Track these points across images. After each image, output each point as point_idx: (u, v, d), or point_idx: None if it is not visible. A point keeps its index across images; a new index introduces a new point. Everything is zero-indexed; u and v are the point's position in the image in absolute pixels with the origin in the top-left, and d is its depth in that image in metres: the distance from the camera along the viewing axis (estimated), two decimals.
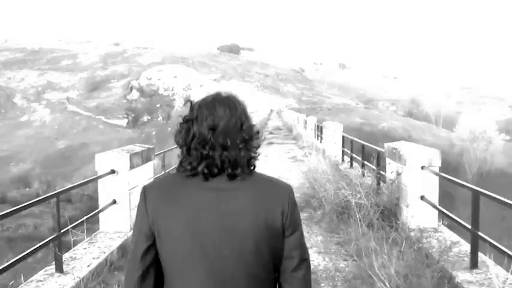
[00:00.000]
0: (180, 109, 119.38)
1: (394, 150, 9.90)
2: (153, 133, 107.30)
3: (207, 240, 2.12)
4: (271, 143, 31.74)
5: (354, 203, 9.25)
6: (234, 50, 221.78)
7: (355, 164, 17.43)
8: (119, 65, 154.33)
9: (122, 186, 8.84)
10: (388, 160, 10.38)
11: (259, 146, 2.28)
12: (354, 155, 17.07)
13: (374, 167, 12.60)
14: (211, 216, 2.13)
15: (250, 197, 2.16)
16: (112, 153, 8.93)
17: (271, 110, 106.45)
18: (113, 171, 8.77)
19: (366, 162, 14.53)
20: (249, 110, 2.37)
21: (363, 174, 14.14)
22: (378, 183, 11.20)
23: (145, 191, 2.27)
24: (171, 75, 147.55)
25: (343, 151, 19.92)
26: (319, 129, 28.12)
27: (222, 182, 2.17)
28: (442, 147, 78.22)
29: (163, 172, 12.92)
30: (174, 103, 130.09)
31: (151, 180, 9.84)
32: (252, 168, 2.24)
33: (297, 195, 12.39)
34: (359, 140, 15.58)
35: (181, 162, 2.23)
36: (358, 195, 9.49)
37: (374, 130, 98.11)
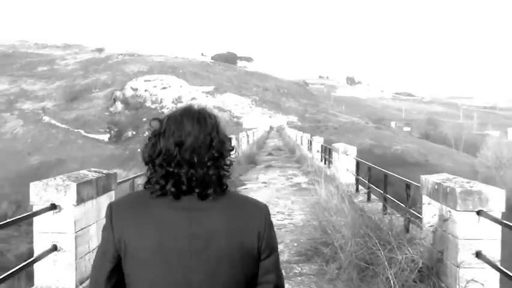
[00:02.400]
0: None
1: (437, 186, 8.25)
2: (138, 150, 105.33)
3: (178, 264, 2.19)
4: (269, 166, 30.88)
5: (383, 256, 7.61)
6: (230, 59, 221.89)
7: (372, 196, 15.94)
8: (102, 73, 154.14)
9: (66, 227, 7.32)
10: (426, 199, 8.77)
11: (231, 164, 2.37)
12: (372, 185, 15.56)
13: (395, 202, 11.59)
14: (182, 238, 2.21)
15: (223, 218, 2.25)
16: (53, 181, 7.35)
17: (270, 127, 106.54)
18: (53, 207, 7.18)
19: (388, 196, 13.08)
20: (246, 126, 1.94)
21: (384, 212, 12.84)
22: (407, 228, 9.84)
23: (112, 208, 2.34)
24: (159, 86, 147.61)
25: (357, 179, 18.44)
26: (327, 152, 27.25)
27: (193, 201, 2.26)
28: (463, 174, 77.18)
29: None
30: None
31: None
32: (224, 187, 2.33)
33: (302, 238, 11.24)
34: (382, 169, 14.05)
35: (148, 180, 2.31)
36: (388, 246, 7.84)
37: (386, 153, 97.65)
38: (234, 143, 32.05)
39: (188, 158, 2.24)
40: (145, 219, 2.23)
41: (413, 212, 10.00)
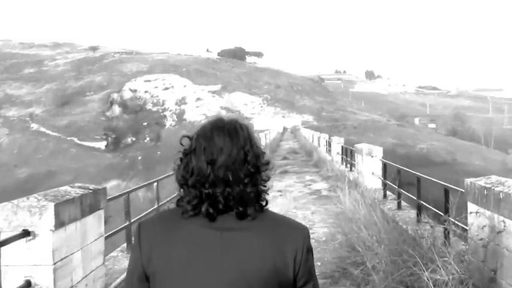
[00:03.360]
0: (172, 128, 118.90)
1: (487, 192, 7.66)
2: (139, 158, 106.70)
3: (207, 285, 2.23)
4: (285, 172, 30.59)
5: (426, 278, 7.06)
6: (238, 55, 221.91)
7: (403, 203, 15.58)
8: (96, 74, 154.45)
9: (43, 258, 6.60)
10: (473, 206, 8.20)
11: (269, 179, 2.40)
12: (403, 191, 15.10)
13: (431, 210, 11.23)
14: (214, 259, 2.24)
15: (259, 239, 2.27)
16: (25, 202, 6.66)
17: (284, 128, 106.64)
18: (26, 233, 6.48)
19: (423, 203, 12.79)
20: (257, 128, 2.00)
21: (419, 221, 12.48)
22: (446, 238, 9.38)
23: (141, 227, 2.41)
24: (161, 87, 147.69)
25: (384, 184, 17.94)
26: (349, 154, 27.35)
27: (228, 220, 2.28)
28: (495, 172, 76.49)
29: (156, 206, 13.12)
30: (165, 121, 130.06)
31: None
32: (263, 204, 2.37)
33: (326, 257, 10.70)
34: (414, 172, 13.59)
35: (181, 198, 2.35)
36: (431, 265, 7.28)
37: (410, 152, 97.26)
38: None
39: (222, 176, 2.26)
40: (175, 238, 2.27)
41: (455, 221, 9.42)
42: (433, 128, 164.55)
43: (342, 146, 30.70)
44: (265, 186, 2.38)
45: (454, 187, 9.97)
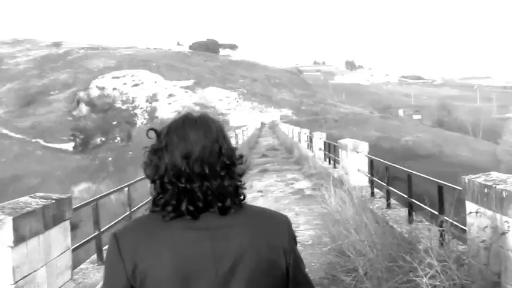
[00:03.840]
0: (144, 127, 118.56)
1: (487, 190, 7.45)
2: (109, 159, 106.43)
3: None
4: (265, 170, 30.69)
5: (426, 285, 6.91)
6: (211, 48, 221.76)
7: (392, 201, 15.28)
8: (61, 72, 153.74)
9: (2, 277, 6.29)
10: (472, 206, 7.98)
11: (244, 173, 2.43)
12: (392, 189, 14.90)
13: (430, 210, 10.77)
14: (205, 261, 2.25)
15: (250, 235, 2.31)
16: None
17: (262, 124, 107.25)
18: None
19: (414, 201, 12.42)
20: (233, 124, 2.09)
21: (410, 220, 12.38)
22: (442, 240, 8.98)
23: (118, 238, 2.34)
24: (130, 84, 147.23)
25: (372, 182, 17.77)
26: (332, 149, 27.00)
27: (211, 218, 2.30)
28: (484, 164, 77.55)
29: (128, 212, 12.69)
30: (136, 119, 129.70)
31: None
32: (242, 198, 2.38)
33: (313, 262, 10.63)
34: (405, 169, 13.47)
35: (155, 201, 2.34)
36: (430, 270, 7.08)
37: (395, 146, 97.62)
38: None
39: (199, 171, 2.28)
40: (161, 243, 2.25)
41: (450, 220, 9.20)
42: (418, 119, 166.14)
43: (325, 142, 30.38)
44: (241, 181, 2.39)
45: (449, 184, 9.72)
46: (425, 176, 11.84)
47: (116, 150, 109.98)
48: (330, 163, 27.31)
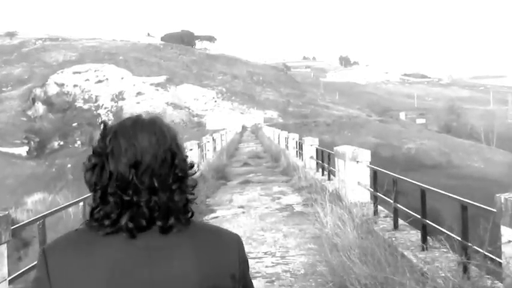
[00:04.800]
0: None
1: None
2: (68, 166, 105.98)
3: None
4: (247, 182, 30.52)
5: None
6: (185, 40, 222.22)
7: (400, 221, 14.84)
8: (15, 66, 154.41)
9: None
10: (509, 232, 7.31)
11: (196, 185, 2.43)
12: (400, 206, 14.45)
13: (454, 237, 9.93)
14: (142, 286, 2.22)
15: (193, 258, 2.30)
16: None
17: (243, 127, 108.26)
18: None
19: (429, 222, 11.89)
20: (211, 127, 2.32)
21: (424, 247, 11.77)
22: (467, 275, 8.46)
23: (46, 254, 2.31)
24: (93, 80, 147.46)
25: (375, 197, 17.19)
26: (325, 158, 27.13)
27: (152, 237, 2.28)
28: (499, 176, 77.43)
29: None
30: (99, 120, 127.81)
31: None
32: (189, 215, 2.38)
33: None
34: (419, 184, 12.91)
35: (92, 213, 2.31)
36: None
37: (396, 154, 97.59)
38: (195, 151, 30.73)
39: (148, 182, 2.25)
40: (93, 266, 2.21)
41: (481, 251, 8.62)
42: (422, 123, 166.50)
43: (317, 149, 30.46)
44: (193, 194, 2.39)
45: (479, 205, 9.17)
46: (447, 194, 11.24)
47: (76, 156, 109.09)
48: (323, 174, 27.34)
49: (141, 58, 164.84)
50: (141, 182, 2.23)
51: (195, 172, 2.42)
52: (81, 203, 12.85)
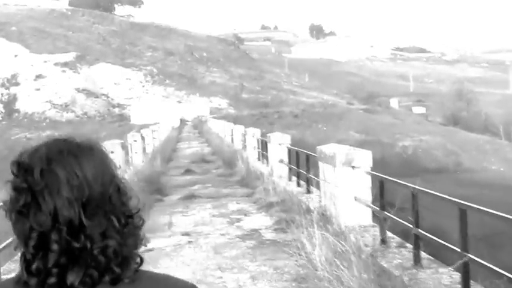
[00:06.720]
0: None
1: None
2: None
3: None
4: (192, 197, 29.81)
5: None
6: (102, 4, 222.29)
7: (422, 254, 13.97)
8: None
9: None
10: None
11: (143, 224, 2.53)
12: (424, 232, 13.74)
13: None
14: None
15: None
16: None
17: (182, 121, 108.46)
18: None
19: (473, 257, 11.03)
20: (137, 121, 2.69)
21: None
22: None
23: None
24: None
25: (383, 220, 16.38)
26: (300, 162, 27.05)
27: None
28: None
29: None
30: None
31: None
32: (139, 261, 2.49)
33: None
34: (459, 201, 11.90)
35: (28, 268, 2.30)
36: None
37: (387, 155, 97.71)
38: (118, 154, 29.63)
39: (102, 225, 2.30)
40: None
41: None
42: (421, 113, 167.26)
43: (289, 149, 30.16)
44: (140, 235, 2.46)
45: None
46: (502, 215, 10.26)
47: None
48: (299, 185, 26.87)
49: (42, 29, 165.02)
50: (94, 225, 2.24)
51: (139, 209, 2.46)
52: None
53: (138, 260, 2.43)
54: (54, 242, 2.18)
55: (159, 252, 18.07)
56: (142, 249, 9.59)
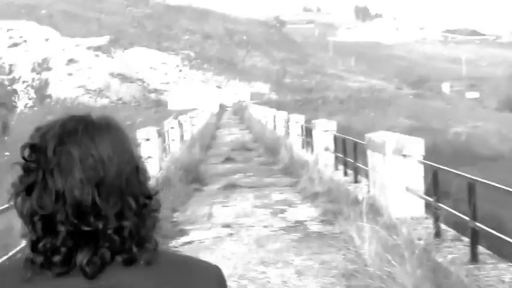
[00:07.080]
0: (28, 112, 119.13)
1: None
2: None
3: None
4: (233, 186, 29.56)
5: None
6: None
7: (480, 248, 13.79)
8: None
9: None
10: None
11: (160, 207, 2.51)
12: (483, 226, 13.47)
13: None
14: None
15: None
16: None
17: (221, 107, 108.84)
18: None
19: None
20: (174, 107, 2.61)
21: None
22: None
23: None
24: (7, 42, 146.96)
25: (436, 209, 16.01)
26: (347, 150, 27.02)
27: (111, 273, 2.31)
28: None
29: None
30: (16, 99, 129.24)
31: None
32: (155, 243, 2.46)
33: None
34: None
35: (35, 246, 2.29)
36: None
37: (438, 142, 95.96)
38: (154, 142, 29.72)
39: (112, 205, 2.28)
40: None
41: None
42: (475, 98, 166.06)
43: (336, 137, 30.00)
44: (157, 217, 2.45)
45: None
46: None
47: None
48: (346, 174, 26.89)
49: (73, 12, 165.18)
50: (108, 205, 2.22)
51: (157, 191, 2.46)
52: None
53: (154, 242, 2.40)
54: (60, 223, 2.17)
55: (198, 245, 18.06)
56: (180, 240, 9.74)
